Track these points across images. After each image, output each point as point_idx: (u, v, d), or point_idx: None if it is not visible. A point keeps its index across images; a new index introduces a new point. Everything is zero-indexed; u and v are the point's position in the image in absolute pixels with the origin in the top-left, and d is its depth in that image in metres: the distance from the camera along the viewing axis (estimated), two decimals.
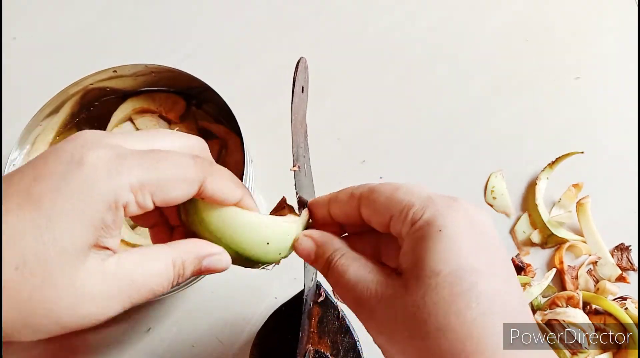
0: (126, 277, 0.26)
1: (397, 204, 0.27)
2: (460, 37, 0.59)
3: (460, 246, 0.25)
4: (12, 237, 0.23)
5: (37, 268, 0.23)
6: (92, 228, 0.24)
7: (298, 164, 0.30)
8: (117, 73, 0.47)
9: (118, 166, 0.25)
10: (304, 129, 0.32)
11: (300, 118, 0.30)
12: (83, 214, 0.24)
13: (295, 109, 0.29)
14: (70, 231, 0.24)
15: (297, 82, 0.28)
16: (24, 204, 0.24)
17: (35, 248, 0.23)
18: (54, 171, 0.24)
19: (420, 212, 0.26)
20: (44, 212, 0.23)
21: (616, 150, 0.53)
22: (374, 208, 0.28)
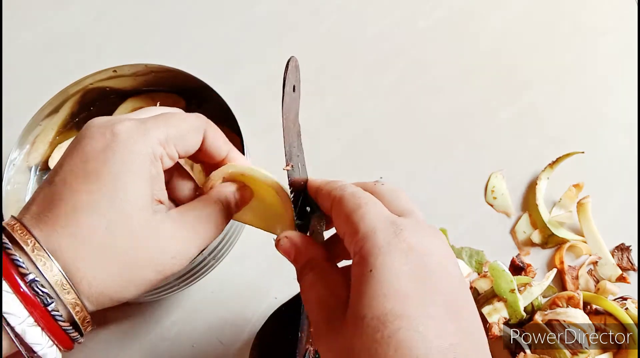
0: (191, 218, 0.30)
1: (349, 226, 0.27)
2: (460, 37, 0.59)
3: (389, 289, 0.24)
4: (91, 206, 0.27)
5: (122, 223, 0.27)
6: (147, 182, 0.29)
7: (291, 164, 0.30)
8: (117, 73, 0.47)
9: (145, 129, 0.29)
10: (297, 128, 0.32)
11: (292, 117, 0.31)
12: (136, 172, 0.28)
13: (286, 109, 0.29)
14: (133, 188, 0.28)
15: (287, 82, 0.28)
16: (87, 181, 0.27)
17: (113, 208, 0.27)
18: (95, 149, 0.28)
19: (360, 244, 0.26)
20: (107, 181, 0.27)
21: (616, 150, 0.53)
22: (336, 221, 0.28)
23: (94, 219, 0.27)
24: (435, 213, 0.50)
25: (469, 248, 0.48)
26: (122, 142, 0.28)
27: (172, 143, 0.30)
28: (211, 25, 0.61)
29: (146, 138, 0.29)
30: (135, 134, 0.29)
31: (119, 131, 0.29)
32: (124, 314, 0.46)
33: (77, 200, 0.27)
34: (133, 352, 0.45)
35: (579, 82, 0.57)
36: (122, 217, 0.27)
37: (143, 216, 0.28)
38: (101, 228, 0.27)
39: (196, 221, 0.30)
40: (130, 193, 0.28)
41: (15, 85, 0.57)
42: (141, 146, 0.28)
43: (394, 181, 0.52)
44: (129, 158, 0.28)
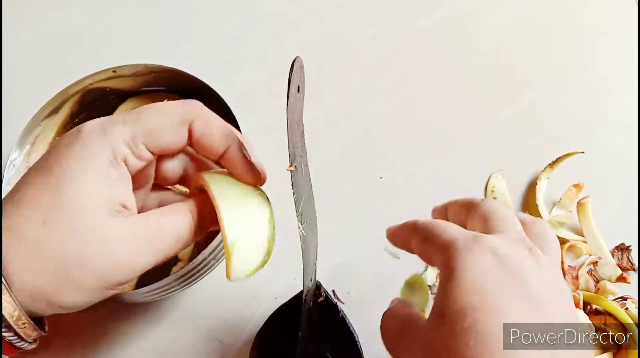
0: (152, 227, 0.28)
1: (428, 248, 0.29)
2: (460, 37, 0.59)
3: (467, 285, 0.25)
4: (32, 199, 0.26)
5: (61, 220, 0.26)
6: (100, 182, 0.27)
7: (295, 164, 0.30)
8: (116, 73, 0.47)
9: (109, 126, 0.27)
10: (301, 129, 0.32)
11: (296, 118, 0.31)
12: (88, 171, 0.27)
13: (291, 109, 0.29)
14: (82, 186, 0.26)
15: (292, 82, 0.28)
16: (40, 174, 0.27)
17: (55, 202, 0.26)
18: (60, 145, 0.28)
19: (444, 256, 0.27)
20: (55, 174, 0.26)
21: (616, 150, 0.53)
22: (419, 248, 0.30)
23: (33, 211, 0.26)
24: None
25: None
26: (82, 140, 0.27)
27: (139, 141, 0.28)
28: (211, 25, 0.61)
29: (106, 137, 0.27)
30: (97, 132, 0.27)
31: (84, 128, 0.28)
32: (124, 314, 0.46)
33: (23, 193, 0.26)
34: (133, 352, 0.45)
35: (579, 82, 0.57)
36: (62, 214, 0.26)
37: (89, 216, 0.26)
38: (38, 221, 0.25)
39: (156, 233, 0.28)
40: (76, 190, 0.26)
41: (15, 85, 0.57)
42: (99, 145, 0.27)
43: (394, 181, 0.52)
44: (82, 156, 0.27)
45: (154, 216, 0.28)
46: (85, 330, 0.45)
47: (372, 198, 0.51)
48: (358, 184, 0.52)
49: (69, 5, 0.62)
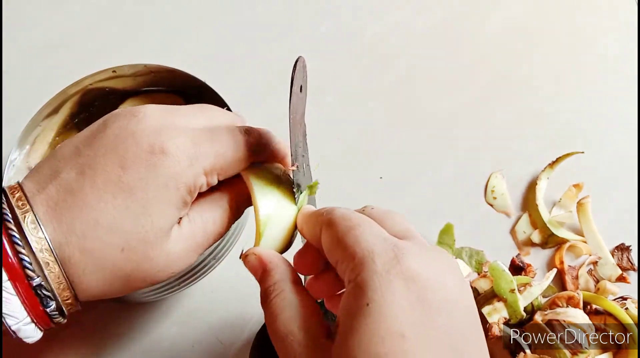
0: (199, 232, 0.29)
1: (342, 250, 0.24)
2: (460, 37, 0.59)
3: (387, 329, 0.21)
4: (114, 224, 0.26)
5: (138, 248, 0.27)
6: (177, 210, 0.28)
7: (297, 164, 0.30)
8: (116, 73, 0.47)
9: (195, 155, 0.28)
10: (303, 128, 0.32)
11: (298, 117, 0.31)
12: (171, 200, 0.27)
13: (293, 109, 0.29)
14: (164, 215, 0.27)
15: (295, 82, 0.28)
16: (117, 194, 0.26)
17: (136, 232, 0.26)
18: (138, 159, 0.27)
19: (356, 271, 0.23)
20: (139, 201, 0.26)
21: (616, 150, 0.53)
22: (327, 245, 0.26)
23: (114, 239, 0.26)
24: (435, 213, 0.50)
25: (469, 248, 0.48)
26: (168, 167, 0.27)
27: (215, 174, 0.29)
28: (211, 25, 0.60)
29: (192, 169, 0.27)
30: (184, 161, 0.27)
31: (169, 151, 0.27)
32: (124, 314, 0.46)
33: (101, 213, 0.26)
34: (133, 352, 0.45)
35: (579, 82, 0.57)
36: (141, 243, 0.27)
37: (160, 241, 0.27)
38: (118, 249, 0.26)
39: (202, 235, 0.29)
40: (156, 220, 0.27)
41: (15, 85, 0.56)
42: (185, 177, 0.27)
43: (394, 181, 0.52)
44: (168, 185, 0.27)
45: (198, 218, 0.29)
46: (85, 330, 0.45)
47: (372, 198, 0.51)
48: (358, 184, 0.52)
49: (69, 6, 0.62)
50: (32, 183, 0.27)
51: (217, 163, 0.28)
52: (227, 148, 0.29)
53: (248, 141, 0.30)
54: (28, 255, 0.25)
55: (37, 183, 0.27)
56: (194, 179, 0.28)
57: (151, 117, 0.28)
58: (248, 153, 0.30)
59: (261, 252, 0.28)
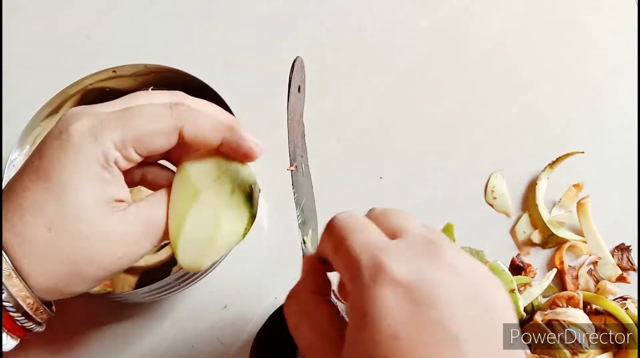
0: (147, 218, 0.30)
1: (339, 262, 0.25)
2: (460, 37, 0.59)
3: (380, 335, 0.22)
4: (35, 207, 0.27)
5: (66, 225, 0.27)
6: (96, 184, 0.28)
7: (295, 164, 0.30)
8: (116, 73, 0.47)
9: (100, 130, 0.28)
10: (302, 129, 0.32)
11: (297, 118, 0.31)
12: (85, 175, 0.28)
13: (291, 109, 0.29)
14: (81, 190, 0.28)
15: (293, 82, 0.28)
16: (36, 180, 0.28)
17: (58, 210, 0.27)
18: (50, 146, 0.28)
19: (349, 285, 0.24)
20: (55, 181, 0.28)
21: (616, 150, 0.53)
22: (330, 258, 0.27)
23: (39, 220, 0.27)
24: (435, 213, 0.50)
25: (469, 248, 0.48)
26: (74, 144, 0.28)
27: (129, 146, 0.29)
28: (211, 25, 0.60)
29: (98, 143, 0.28)
30: (87, 136, 0.28)
31: (73, 131, 0.28)
32: (124, 314, 0.46)
33: (24, 199, 0.28)
34: (133, 353, 0.45)
35: (579, 82, 0.57)
36: (66, 219, 0.28)
37: (91, 219, 0.28)
38: (45, 228, 0.27)
39: (148, 222, 0.30)
40: (77, 196, 0.28)
41: (15, 85, 0.57)
42: (92, 151, 0.28)
43: (394, 181, 0.52)
44: (77, 162, 0.28)
45: (144, 206, 0.30)
46: (85, 330, 0.45)
47: (372, 198, 0.51)
48: (358, 184, 0.52)
49: (69, 6, 0.62)
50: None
51: (128, 135, 0.28)
52: (139, 119, 0.29)
53: (172, 114, 0.29)
54: None
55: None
56: (102, 154, 0.28)
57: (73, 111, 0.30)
58: (170, 125, 0.29)
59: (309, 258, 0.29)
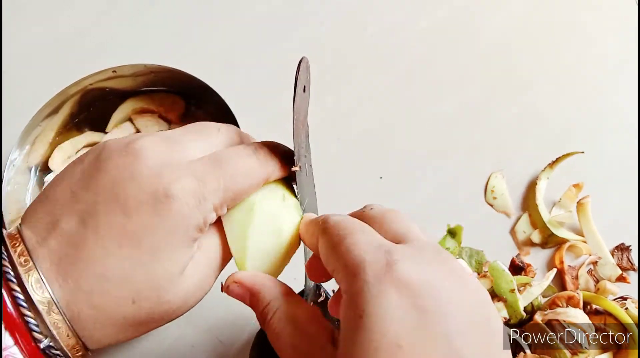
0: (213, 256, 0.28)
1: (336, 260, 0.24)
2: (461, 37, 0.59)
3: (380, 341, 0.20)
4: (122, 276, 0.25)
5: (151, 296, 0.25)
6: (189, 249, 0.26)
7: (299, 164, 0.30)
8: (116, 73, 0.47)
9: (203, 195, 0.26)
10: (306, 129, 0.32)
11: (302, 118, 0.30)
12: (181, 243, 0.25)
13: (297, 109, 0.29)
14: (174, 259, 0.25)
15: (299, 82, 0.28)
16: (123, 244, 0.25)
17: (147, 281, 0.25)
18: (141, 206, 0.25)
19: (348, 282, 0.22)
20: (147, 250, 0.25)
21: (616, 150, 0.53)
22: (322, 255, 0.25)
23: (123, 292, 0.25)
24: (435, 213, 0.50)
25: (469, 248, 0.48)
26: (175, 211, 0.25)
27: (226, 206, 0.27)
28: (211, 25, 0.60)
29: (201, 209, 0.26)
30: (191, 201, 0.25)
31: (174, 194, 0.25)
32: None
33: (108, 266, 0.24)
34: (133, 352, 0.45)
35: (579, 82, 0.57)
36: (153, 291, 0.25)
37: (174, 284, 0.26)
38: (129, 301, 0.25)
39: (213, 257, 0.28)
40: (167, 266, 0.25)
41: (15, 85, 0.56)
42: (194, 218, 0.25)
43: (394, 181, 0.52)
44: (177, 230, 0.25)
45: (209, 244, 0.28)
46: None
47: (372, 198, 0.50)
48: (358, 184, 0.52)
49: (69, 6, 0.62)
50: (31, 231, 0.25)
51: (227, 196, 0.27)
52: (237, 177, 0.27)
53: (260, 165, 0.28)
54: (35, 317, 0.24)
55: (37, 233, 0.25)
56: (203, 218, 0.26)
57: (148, 155, 0.26)
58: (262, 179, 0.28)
59: (241, 278, 0.27)
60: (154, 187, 0.25)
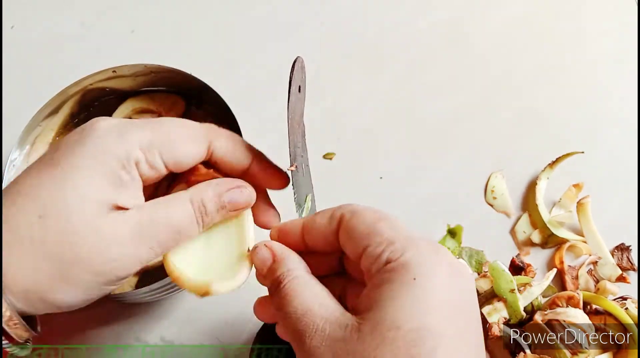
0: (147, 218, 0.26)
1: (377, 236, 0.24)
2: (461, 38, 0.59)
3: (432, 302, 0.22)
4: (31, 190, 0.25)
5: (59, 214, 0.24)
6: (108, 183, 0.26)
7: (295, 164, 0.30)
8: (116, 73, 0.47)
9: (125, 129, 0.26)
10: (302, 129, 0.32)
11: (297, 118, 0.31)
12: (98, 169, 0.25)
13: (291, 109, 0.29)
14: (88, 182, 0.25)
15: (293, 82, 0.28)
16: (43, 167, 0.25)
17: (56, 196, 0.24)
18: (70, 140, 0.26)
19: (399, 252, 0.24)
20: (61, 168, 0.25)
21: (616, 150, 0.53)
22: (352, 234, 0.26)
23: (30, 206, 0.24)
24: (435, 213, 0.50)
25: (469, 248, 0.48)
26: (96, 137, 0.26)
27: (156, 150, 0.27)
28: (211, 25, 0.61)
29: (123, 139, 0.26)
30: (113, 132, 0.26)
31: (99, 126, 0.26)
32: (124, 314, 0.46)
33: (23, 183, 0.25)
34: (133, 352, 0.45)
35: (579, 82, 0.57)
36: (61, 210, 0.24)
37: (88, 213, 0.25)
38: (34, 214, 0.24)
39: (151, 225, 0.26)
40: (80, 188, 0.25)
41: (15, 85, 0.57)
42: (114, 146, 0.26)
43: (394, 181, 0.52)
44: (94, 155, 0.25)
45: (149, 207, 0.27)
46: (85, 330, 0.45)
47: (372, 198, 0.51)
48: (358, 184, 0.52)
49: (69, 6, 0.62)
50: None
51: (156, 138, 0.27)
52: (169, 123, 0.27)
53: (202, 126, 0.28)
54: None
55: None
56: (125, 151, 0.26)
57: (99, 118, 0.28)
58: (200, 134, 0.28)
59: (273, 244, 0.27)
60: (83, 126, 0.27)
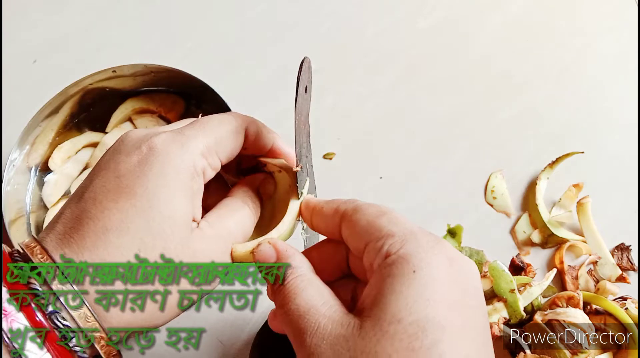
0: (224, 231, 0.28)
1: (377, 231, 0.25)
2: (460, 37, 0.59)
3: (433, 294, 0.22)
4: (123, 225, 0.24)
5: (156, 244, 0.25)
6: (187, 198, 0.26)
7: (301, 164, 0.30)
8: (116, 73, 0.47)
9: (183, 140, 0.27)
10: (307, 129, 0.32)
11: (303, 118, 0.30)
12: (175, 188, 0.26)
13: (298, 110, 0.29)
14: (171, 203, 0.25)
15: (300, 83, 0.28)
16: (119, 198, 0.25)
17: (148, 229, 0.25)
18: (130, 163, 0.26)
19: (398, 245, 0.24)
20: (141, 196, 0.25)
21: (616, 150, 0.53)
22: (354, 230, 0.26)
23: (126, 241, 0.24)
24: (435, 213, 0.50)
25: (469, 248, 0.48)
26: (160, 155, 0.26)
27: (214, 152, 0.28)
28: (211, 25, 0.61)
29: (185, 150, 0.26)
30: (173, 146, 0.26)
31: (156, 143, 0.26)
32: None
33: (107, 219, 0.24)
34: (133, 353, 0.45)
35: (579, 82, 0.57)
36: (156, 238, 0.25)
37: (179, 236, 0.25)
38: (133, 251, 0.24)
39: (228, 237, 0.28)
40: (167, 211, 0.25)
41: (16, 85, 0.57)
42: (180, 159, 0.26)
43: (394, 181, 0.52)
44: (165, 173, 0.25)
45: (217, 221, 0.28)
46: None
47: (372, 198, 0.51)
48: (358, 184, 0.52)
49: (69, 6, 0.62)
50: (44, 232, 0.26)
51: (210, 141, 0.27)
52: (211, 123, 0.28)
53: (235, 116, 0.30)
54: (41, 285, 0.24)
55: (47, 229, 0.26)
56: (192, 161, 0.26)
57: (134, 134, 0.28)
58: (239, 124, 0.29)
59: (277, 242, 0.27)
60: (138, 145, 0.26)
